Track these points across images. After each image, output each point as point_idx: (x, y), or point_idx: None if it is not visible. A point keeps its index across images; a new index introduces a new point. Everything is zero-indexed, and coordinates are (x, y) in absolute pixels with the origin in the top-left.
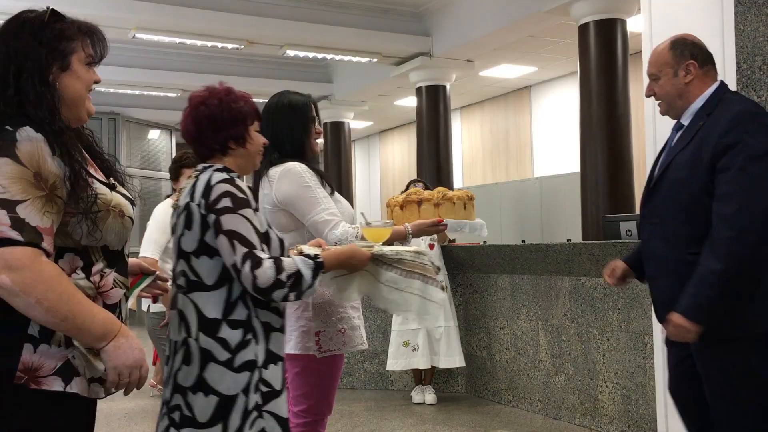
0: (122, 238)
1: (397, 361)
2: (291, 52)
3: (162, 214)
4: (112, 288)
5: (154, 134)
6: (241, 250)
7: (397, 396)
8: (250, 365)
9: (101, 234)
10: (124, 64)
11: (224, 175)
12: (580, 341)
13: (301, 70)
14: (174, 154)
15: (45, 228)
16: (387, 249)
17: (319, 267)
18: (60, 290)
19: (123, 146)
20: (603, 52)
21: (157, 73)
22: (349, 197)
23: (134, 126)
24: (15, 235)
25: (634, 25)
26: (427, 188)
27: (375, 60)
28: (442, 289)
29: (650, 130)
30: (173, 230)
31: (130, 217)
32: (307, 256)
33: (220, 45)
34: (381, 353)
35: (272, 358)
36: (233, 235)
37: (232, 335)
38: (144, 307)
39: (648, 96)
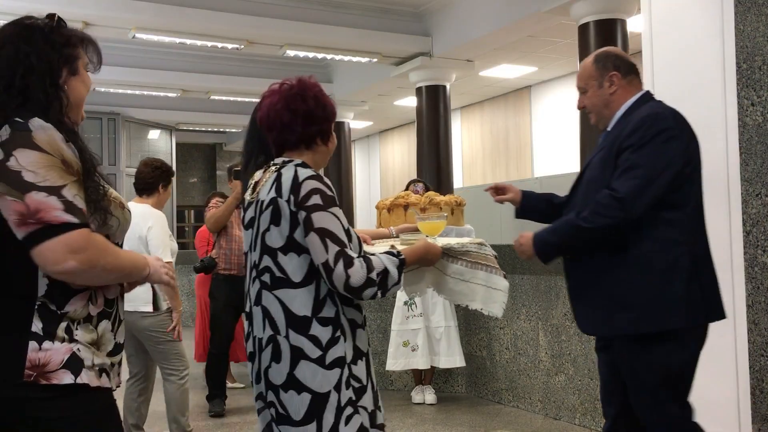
0: (123, 231)
1: (396, 361)
2: (291, 52)
3: (162, 217)
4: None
5: (154, 134)
6: (334, 248)
7: (397, 396)
8: (340, 362)
9: (117, 221)
10: (124, 64)
11: (310, 171)
12: (580, 341)
13: (301, 70)
14: (174, 154)
15: (84, 210)
16: (453, 242)
17: (402, 263)
18: (111, 251)
19: (123, 146)
20: None
21: (157, 73)
22: (349, 197)
23: (134, 126)
24: (71, 218)
25: (634, 25)
26: (427, 188)
27: (375, 60)
28: (504, 276)
29: None
30: (249, 225)
31: (129, 210)
32: (390, 253)
33: (220, 45)
34: (381, 353)
35: (359, 354)
36: (325, 233)
37: (323, 332)
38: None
39: (579, 108)
